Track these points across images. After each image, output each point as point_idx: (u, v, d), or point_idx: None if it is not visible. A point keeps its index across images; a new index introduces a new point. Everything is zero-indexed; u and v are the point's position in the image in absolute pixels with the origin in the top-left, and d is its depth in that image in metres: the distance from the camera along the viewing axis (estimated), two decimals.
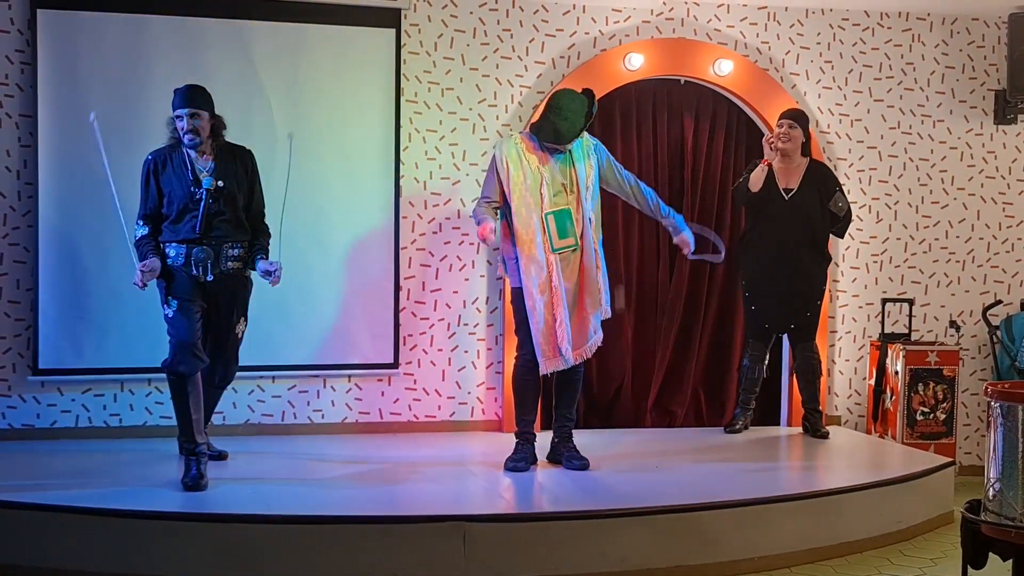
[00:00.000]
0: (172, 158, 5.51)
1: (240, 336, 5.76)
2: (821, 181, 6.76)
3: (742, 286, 6.91)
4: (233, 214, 5.56)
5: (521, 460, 5.78)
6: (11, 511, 4.86)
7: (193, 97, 5.48)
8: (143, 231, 5.52)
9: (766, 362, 6.94)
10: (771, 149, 6.68)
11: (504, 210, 5.72)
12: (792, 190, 6.71)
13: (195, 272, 5.46)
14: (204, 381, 5.60)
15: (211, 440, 5.81)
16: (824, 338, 7.28)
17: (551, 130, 5.67)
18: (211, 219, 5.47)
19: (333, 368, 6.74)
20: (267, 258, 5.66)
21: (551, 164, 5.70)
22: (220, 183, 5.48)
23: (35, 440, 6.37)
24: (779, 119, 6.81)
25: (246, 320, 5.76)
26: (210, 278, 5.48)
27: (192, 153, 5.50)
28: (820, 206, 6.71)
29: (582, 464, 5.81)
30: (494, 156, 5.77)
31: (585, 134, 5.82)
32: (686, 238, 5.93)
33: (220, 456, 5.92)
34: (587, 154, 5.79)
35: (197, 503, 5.02)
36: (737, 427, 6.92)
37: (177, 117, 5.48)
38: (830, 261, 6.88)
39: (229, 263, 5.56)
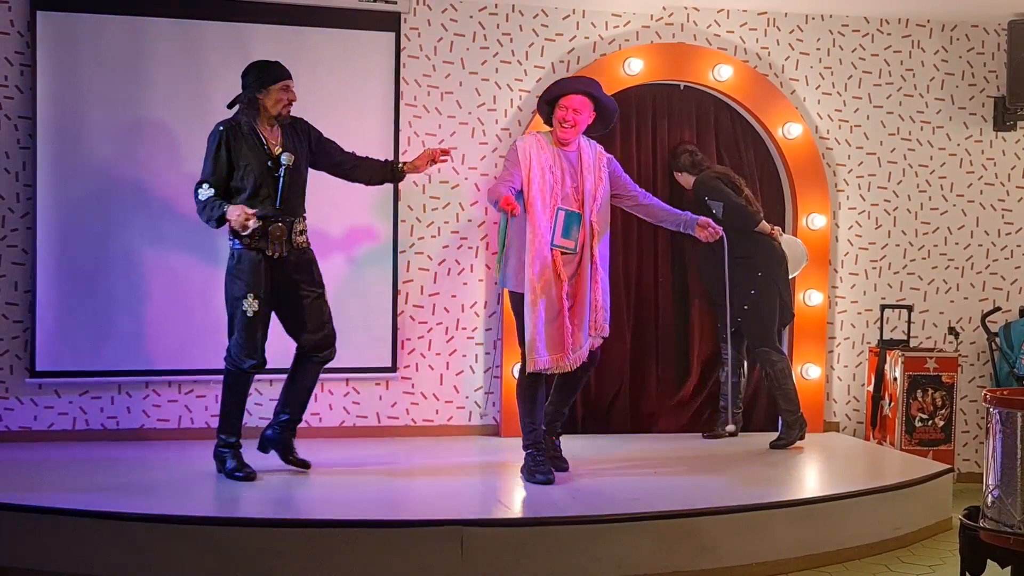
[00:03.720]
0: (243, 132, 5.51)
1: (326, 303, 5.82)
2: (700, 197, 6.82)
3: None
4: (301, 188, 5.65)
5: (546, 472, 5.63)
6: (7, 513, 4.85)
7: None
8: (210, 192, 5.43)
9: (743, 367, 6.99)
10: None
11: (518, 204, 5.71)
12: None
13: (270, 251, 5.51)
14: (305, 358, 5.74)
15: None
16: (823, 344, 7.28)
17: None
18: (286, 194, 5.51)
19: (331, 371, 6.71)
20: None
21: (562, 166, 5.70)
22: (293, 157, 5.54)
23: (32, 442, 6.35)
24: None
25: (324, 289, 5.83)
26: (284, 254, 5.55)
27: (257, 127, 5.53)
28: (710, 216, 6.61)
29: (563, 466, 5.84)
30: (515, 149, 5.71)
31: (599, 147, 5.85)
32: (705, 220, 5.95)
33: (303, 464, 5.87)
34: (599, 167, 5.78)
35: (195, 506, 5.01)
36: (717, 432, 6.95)
37: (284, 88, 5.54)
38: (753, 265, 6.72)
39: (298, 237, 5.64)
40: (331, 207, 6.69)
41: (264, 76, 5.55)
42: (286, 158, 5.51)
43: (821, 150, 7.34)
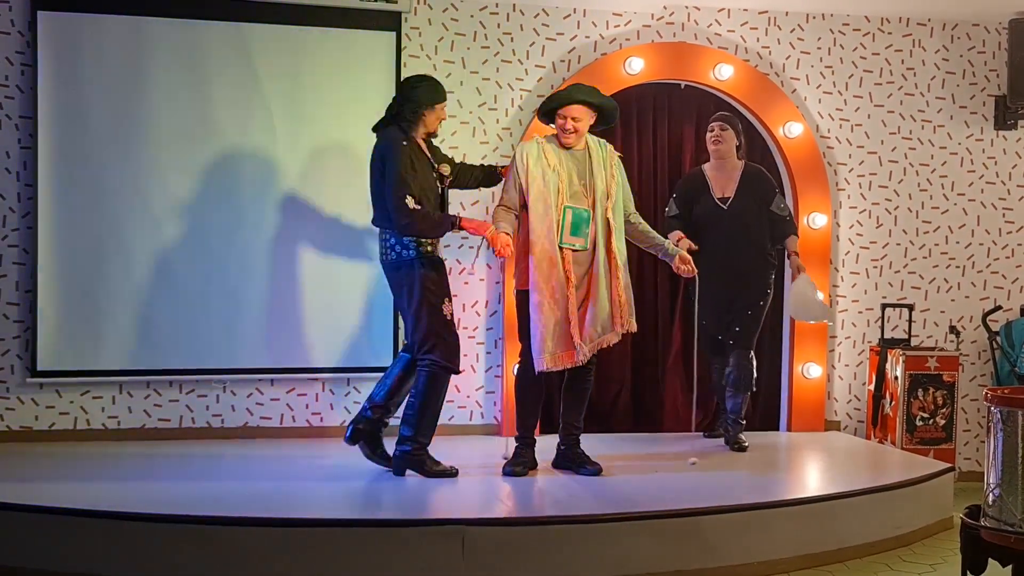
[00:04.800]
0: (416, 146, 5.65)
1: None
2: (757, 186, 6.64)
3: (695, 301, 6.62)
4: None
5: (519, 464, 5.78)
6: (8, 513, 4.85)
7: None
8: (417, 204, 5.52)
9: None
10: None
11: (520, 211, 5.73)
12: (729, 199, 6.62)
13: (439, 258, 5.74)
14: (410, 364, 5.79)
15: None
16: (824, 343, 7.28)
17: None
18: (444, 206, 5.80)
19: (332, 371, 6.74)
20: None
21: (570, 167, 5.71)
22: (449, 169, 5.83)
23: (33, 442, 6.35)
24: (711, 121, 6.78)
25: None
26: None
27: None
28: (758, 211, 6.61)
29: (595, 470, 5.80)
30: (514, 157, 5.76)
31: (610, 148, 5.88)
32: (685, 255, 5.92)
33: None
34: (609, 165, 5.80)
35: (196, 506, 5.00)
36: (718, 432, 6.90)
37: (444, 107, 5.74)
38: (775, 267, 6.72)
39: None
40: (331, 207, 6.70)
41: (435, 94, 5.69)
42: (446, 170, 5.73)
43: (822, 149, 7.34)
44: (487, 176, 6.04)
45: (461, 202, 6.90)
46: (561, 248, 5.63)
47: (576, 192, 5.69)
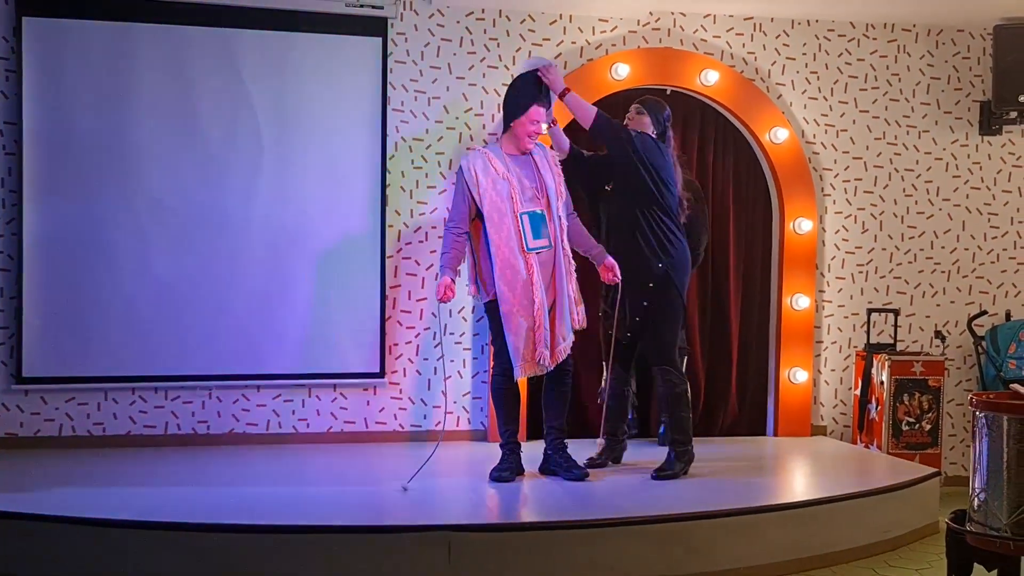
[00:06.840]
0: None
1: None
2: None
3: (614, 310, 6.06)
4: None
5: (506, 470, 5.77)
6: None
7: None
8: None
9: (630, 387, 6.39)
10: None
11: (470, 225, 5.74)
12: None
13: None
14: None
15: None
16: (810, 348, 7.29)
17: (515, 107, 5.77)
18: None
19: (318, 377, 6.72)
20: None
21: (517, 171, 5.74)
22: None
23: (18, 449, 6.33)
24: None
25: None
26: None
27: None
28: (639, 189, 5.82)
29: (581, 474, 5.79)
30: (459, 172, 5.75)
31: (545, 146, 5.93)
32: (612, 262, 5.81)
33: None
34: (553, 163, 5.88)
35: (182, 512, 4.98)
36: (600, 460, 6.13)
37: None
38: (667, 261, 5.84)
39: None
40: (318, 212, 6.69)
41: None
42: None
43: (808, 155, 7.35)
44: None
45: (448, 207, 6.88)
46: (527, 253, 5.65)
47: (531, 196, 5.72)
